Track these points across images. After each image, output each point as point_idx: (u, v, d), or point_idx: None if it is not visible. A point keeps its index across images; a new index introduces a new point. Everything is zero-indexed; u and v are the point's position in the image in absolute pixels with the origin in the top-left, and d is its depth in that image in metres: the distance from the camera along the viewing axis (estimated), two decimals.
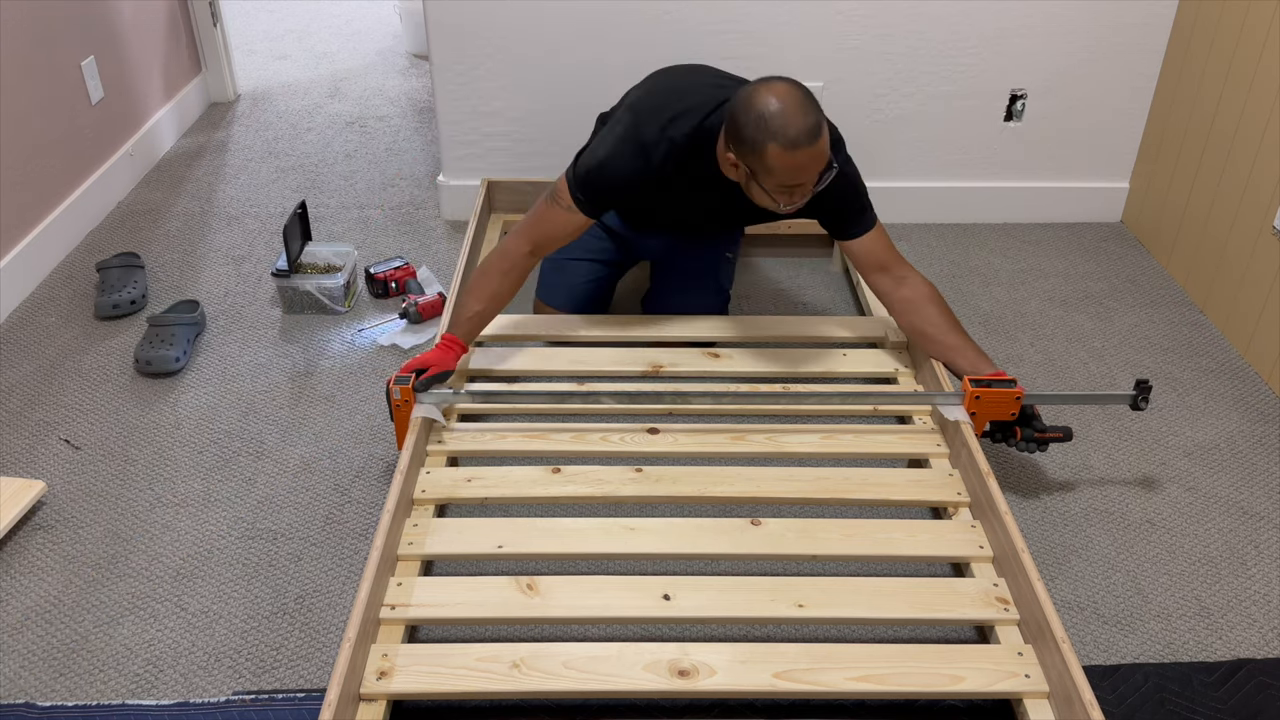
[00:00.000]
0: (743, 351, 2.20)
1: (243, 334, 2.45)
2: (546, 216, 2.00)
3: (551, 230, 2.00)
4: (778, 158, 1.73)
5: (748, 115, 1.74)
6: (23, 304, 2.55)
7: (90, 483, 1.99)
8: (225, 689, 1.58)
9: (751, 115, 1.73)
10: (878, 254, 2.03)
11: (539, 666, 1.46)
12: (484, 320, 2.03)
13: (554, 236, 2.01)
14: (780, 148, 1.72)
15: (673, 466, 1.84)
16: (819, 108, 1.75)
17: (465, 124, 2.86)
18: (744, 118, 1.75)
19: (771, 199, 1.81)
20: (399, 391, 1.87)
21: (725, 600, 1.58)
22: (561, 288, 2.35)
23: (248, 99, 3.89)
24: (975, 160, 2.95)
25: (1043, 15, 2.73)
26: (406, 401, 1.88)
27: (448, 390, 1.96)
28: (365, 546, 1.84)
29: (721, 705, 1.55)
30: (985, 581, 1.63)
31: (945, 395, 1.94)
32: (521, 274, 2.03)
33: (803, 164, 1.75)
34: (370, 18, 4.85)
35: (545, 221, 2.00)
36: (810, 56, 2.73)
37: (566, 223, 1.99)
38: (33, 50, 2.62)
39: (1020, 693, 1.45)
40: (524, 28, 2.68)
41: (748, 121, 1.74)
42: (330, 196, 3.14)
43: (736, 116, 1.77)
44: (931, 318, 2.01)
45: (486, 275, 2.02)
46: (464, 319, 2.00)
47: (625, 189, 1.96)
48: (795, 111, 1.71)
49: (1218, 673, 1.63)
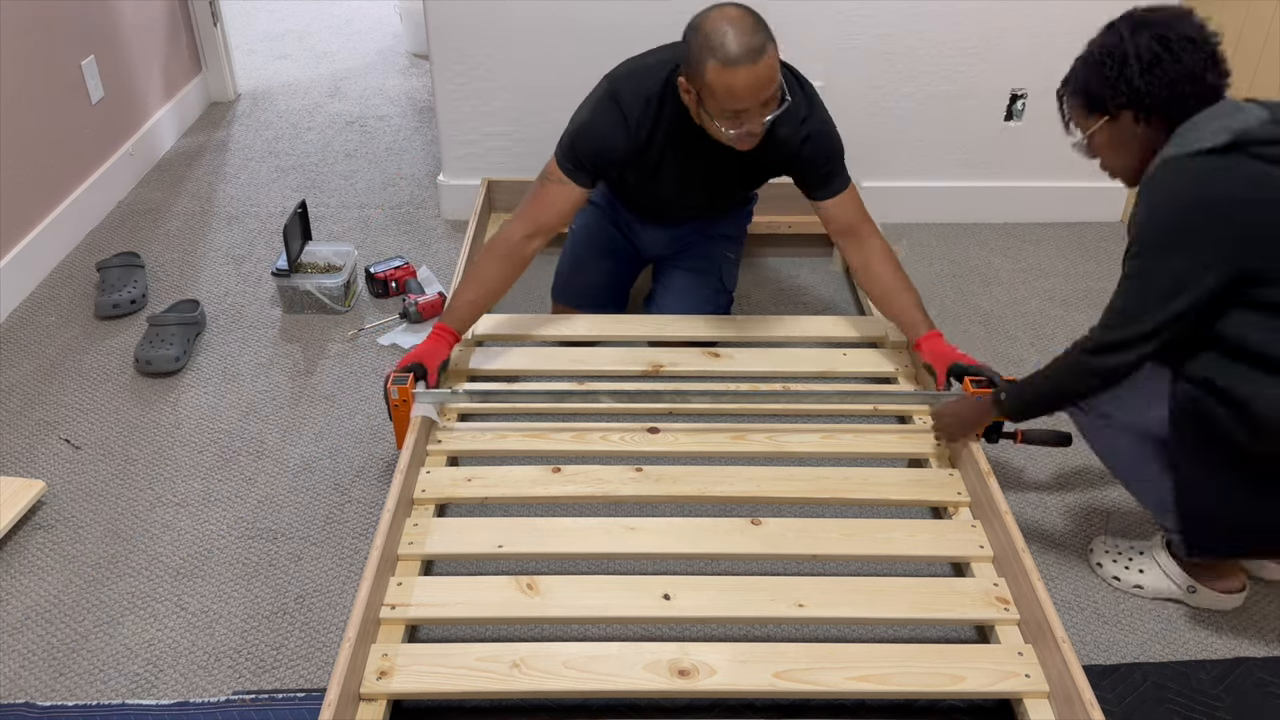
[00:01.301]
0: (743, 351, 2.20)
1: (243, 334, 2.45)
2: (540, 195, 2.00)
3: (547, 208, 1.99)
4: (716, 75, 1.73)
5: (695, 35, 1.76)
6: (23, 304, 2.55)
7: (90, 482, 1.99)
8: (225, 689, 1.58)
9: (698, 35, 1.75)
10: (846, 217, 2.06)
11: (539, 666, 1.46)
12: (478, 309, 2.03)
13: (550, 214, 2.00)
14: (719, 64, 1.72)
15: (673, 466, 1.84)
16: (769, 33, 1.75)
17: (465, 124, 2.86)
18: (691, 38, 1.77)
19: (722, 132, 1.81)
20: (397, 392, 1.87)
21: (725, 600, 1.58)
22: (580, 288, 2.35)
23: (248, 99, 3.89)
24: (975, 160, 2.95)
25: (1043, 15, 2.73)
26: (405, 402, 1.88)
27: (446, 390, 1.96)
28: (365, 546, 1.84)
29: (721, 705, 1.55)
30: (985, 581, 1.63)
31: (945, 396, 1.94)
32: (519, 260, 2.01)
33: (743, 84, 1.73)
34: (370, 18, 4.85)
35: (539, 200, 2.00)
36: (810, 56, 2.72)
37: (560, 196, 1.98)
38: (33, 50, 2.62)
39: (1020, 692, 1.45)
40: (524, 28, 2.68)
41: (693, 40, 1.76)
42: (330, 196, 3.14)
43: (686, 39, 1.79)
44: (880, 280, 2.06)
45: (483, 262, 2.02)
46: (458, 307, 2.00)
47: (609, 148, 1.96)
48: (739, 31, 1.72)
49: (1216, 671, 1.63)
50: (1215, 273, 1.45)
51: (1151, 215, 1.50)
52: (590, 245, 2.34)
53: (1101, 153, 1.61)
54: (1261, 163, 1.44)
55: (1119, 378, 1.58)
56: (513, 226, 2.01)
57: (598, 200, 2.36)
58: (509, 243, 2.00)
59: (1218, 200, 1.44)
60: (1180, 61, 1.47)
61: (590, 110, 1.98)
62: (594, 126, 1.96)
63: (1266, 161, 1.44)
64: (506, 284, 2.03)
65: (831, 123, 2.01)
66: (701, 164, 2.01)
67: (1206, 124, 1.47)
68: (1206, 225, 1.45)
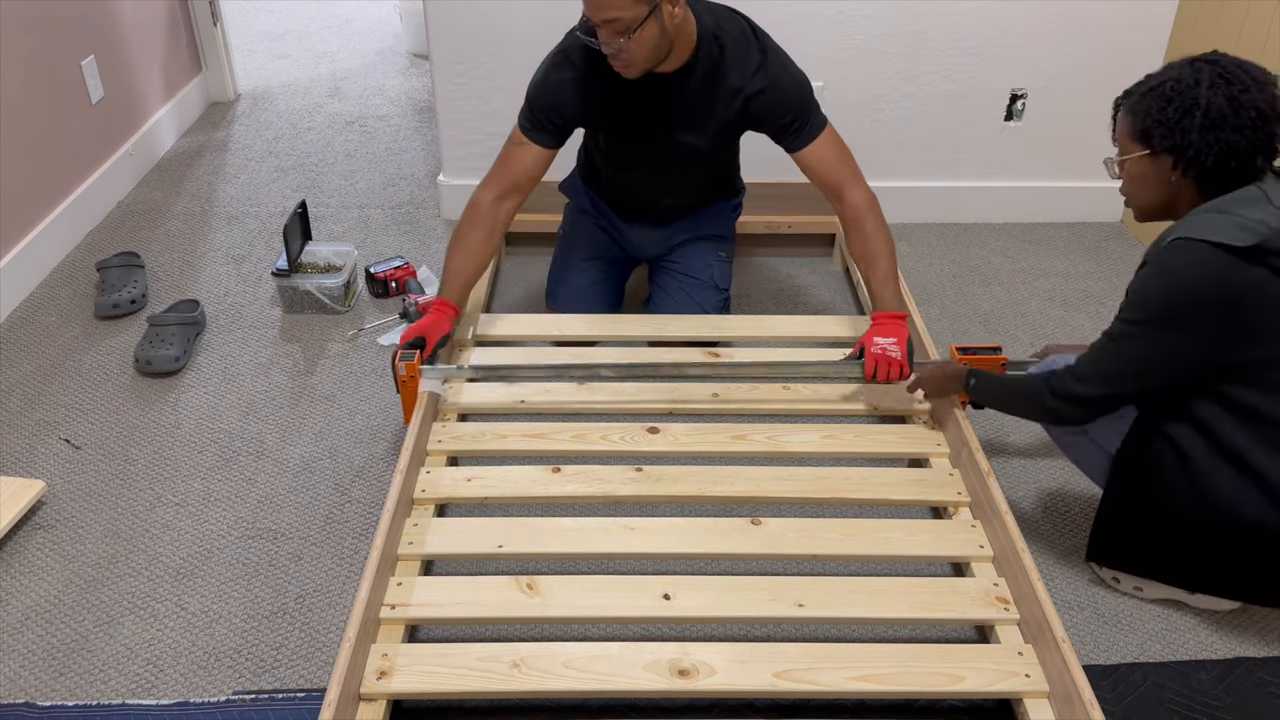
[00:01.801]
0: (743, 351, 2.20)
1: (243, 334, 2.45)
2: (504, 157, 2.08)
3: (511, 169, 2.07)
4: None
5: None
6: (23, 304, 2.55)
7: (90, 482, 1.99)
8: (225, 689, 1.58)
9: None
10: (826, 167, 2.05)
11: (539, 666, 1.46)
12: (470, 279, 2.09)
13: (514, 174, 2.06)
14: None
15: (673, 466, 1.84)
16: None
17: (465, 124, 2.86)
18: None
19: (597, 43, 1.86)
20: (404, 368, 1.92)
21: (725, 600, 1.58)
22: (570, 289, 2.36)
23: (248, 98, 3.89)
24: (975, 160, 2.95)
25: (1043, 15, 2.73)
26: (412, 377, 1.94)
27: (452, 366, 2.02)
28: (365, 546, 1.84)
29: (721, 705, 1.55)
30: (985, 581, 1.63)
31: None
32: (494, 224, 2.07)
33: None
34: (370, 18, 4.85)
35: (503, 162, 2.08)
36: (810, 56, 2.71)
37: (522, 156, 2.06)
38: (33, 50, 2.62)
39: (1020, 692, 1.45)
40: (524, 28, 2.67)
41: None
42: (330, 196, 3.14)
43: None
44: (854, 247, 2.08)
45: (461, 234, 2.09)
46: (450, 279, 2.06)
47: (561, 101, 2.01)
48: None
49: (1216, 671, 1.63)
50: (1192, 364, 1.52)
51: (1153, 291, 1.50)
52: (578, 247, 2.38)
53: (1128, 180, 1.60)
54: (1274, 274, 1.43)
55: (1070, 424, 1.69)
56: (481, 191, 2.08)
57: (585, 207, 2.39)
58: (480, 208, 2.08)
59: (1223, 300, 1.45)
60: (1242, 134, 1.45)
61: (543, 69, 2.05)
62: (545, 84, 2.03)
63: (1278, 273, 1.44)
64: (490, 248, 2.09)
65: (793, 72, 2.01)
66: (655, 116, 2.03)
67: (1234, 210, 1.45)
68: (1202, 320, 1.47)
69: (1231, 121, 1.44)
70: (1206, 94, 1.45)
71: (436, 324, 2.00)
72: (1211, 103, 1.45)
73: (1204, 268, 1.44)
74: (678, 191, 2.29)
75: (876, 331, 1.95)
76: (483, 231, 2.07)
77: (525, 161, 2.06)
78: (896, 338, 1.93)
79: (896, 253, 2.06)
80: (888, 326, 1.96)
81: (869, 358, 1.93)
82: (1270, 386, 1.50)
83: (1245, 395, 1.51)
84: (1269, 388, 1.50)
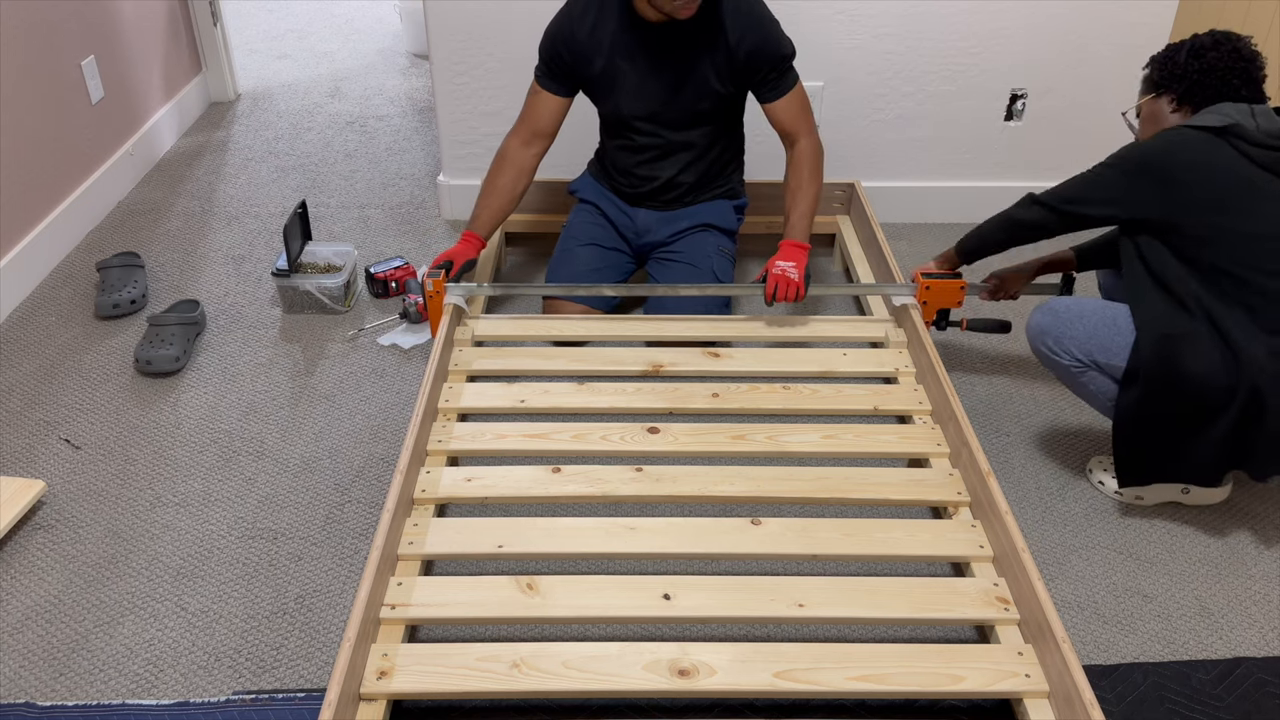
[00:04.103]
0: (743, 351, 2.20)
1: (243, 334, 2.45)
2: (526, 107, 2.31)
3: (532, 117, 2.29)
4: None
5: None
6: (23, 304, 2.55)
7: (90, 482, 1.99)
8: (225, 689, 1.58)
9: None
10: (790, 117, 2.26)
11: (539, 666, 1.46)
12: (496, 216, 2.29)
13: (536, 121, 2.29)
14: None
15: (673, 466, 1.84)
16: None
17: (465, 124, 2.86)
18: None
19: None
20: (431, 284, 2.15)
21: (725, 600, 1.58)
22: (567, 277, 2.37)
23: (248, 99, 3.89)
24: (975, 160, 2.95)
25: (1043, 15, 2.73)
26: (439, 292, 2.17)
27: (474, 285, 2.26)
28: (365, 546, 1.84)
29: (721, 705, 1.55)
30: (985, 581, 1.63)
31: (897, 286, 2.25)
32: (522, 166, 2.30)
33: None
34: (370, 17, 4.85)
35: (525, 111, 2.31)
36: (810, 56, 2.72)
37: (540, 105, 2.28)
38: (33, 50, 2.62)
39: (1020, 692, 1.45)
40: (524, 28, 2.67)
41: None
42: (330, 196, 3.14)
43: None
44: (788, 180, 2.28)
45: (492, 175, 2.31)
46: (480, 214, 2.28)
47: (562, 41, 2.21)
48: None
49: (1216, 671, 1.63)
50: (1146, 211, 1.77)
51: (1136, 148, 1.80)
52: (577, 235, 2.44)
53: (1141, 125, 1.91)
54: (1238, 152, 1.71)
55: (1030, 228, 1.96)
56: (508, 139, 2.31)
57: (593, 198, 2.44)
58: (507, 153, 2.30)
59: (1190, 164, 1.73)
60: (1221, 58, 1.78)
61: (553, 22, 2.25)
62: (554, 26, 2.24)
63: (1244, 155, 1.71)
64: (518, 189, 2.31)
65: (780, 33, 2.19)
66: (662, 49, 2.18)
67: (1219, 110, 1.76)
68: (1172, 175, 1.74)
69: (1212, 51, 1.79)
70: (1194, 39, 1.83)
71: (463, 251, 2.25)
72: (1197, 40, 1.83)
73: (1183, 137, 1.76)
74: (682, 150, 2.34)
75: (780, 256, 2.19)
76: (510, 174, 2.29)
77: (541, 110, 2.28)
78: (796, 262, 2.17)
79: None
80: (790, 252, 2.19)
81: (770, 279, 2.16)
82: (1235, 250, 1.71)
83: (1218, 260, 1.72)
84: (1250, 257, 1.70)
